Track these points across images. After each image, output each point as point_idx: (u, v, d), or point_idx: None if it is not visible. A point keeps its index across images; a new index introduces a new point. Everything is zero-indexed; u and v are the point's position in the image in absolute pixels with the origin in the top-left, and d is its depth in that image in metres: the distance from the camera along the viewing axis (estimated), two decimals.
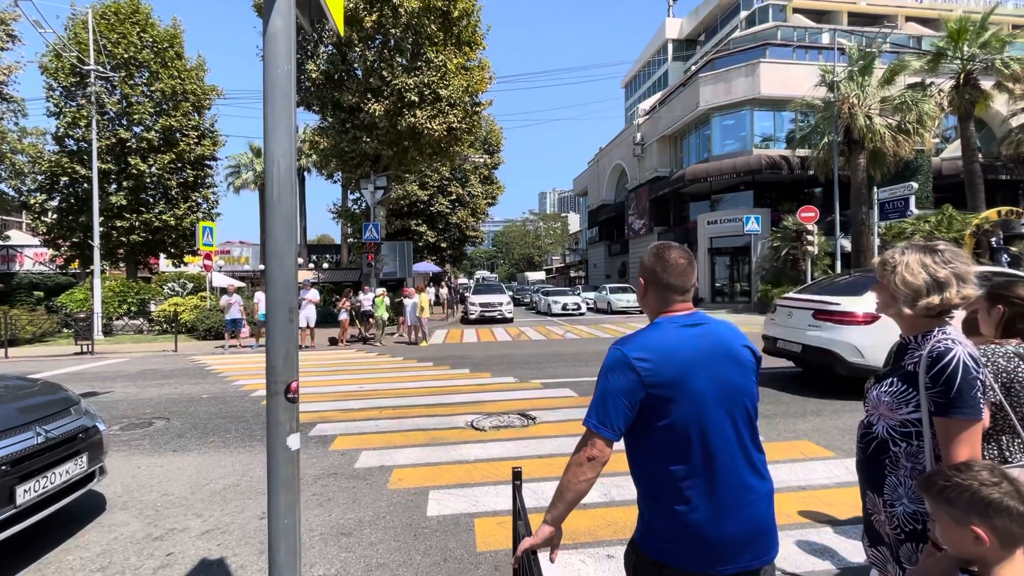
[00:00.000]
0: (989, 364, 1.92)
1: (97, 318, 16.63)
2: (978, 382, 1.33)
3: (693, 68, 34.57)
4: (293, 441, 1.79)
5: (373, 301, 14.58)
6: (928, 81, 21.20)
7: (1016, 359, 1.89)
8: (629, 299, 24.64)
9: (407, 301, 13.72)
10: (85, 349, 13.25)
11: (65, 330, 16.58)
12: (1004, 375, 1.85)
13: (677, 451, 1.39)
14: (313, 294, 14.35)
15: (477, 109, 18.43)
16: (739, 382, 1.44)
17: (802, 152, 23.38)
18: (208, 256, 16.15)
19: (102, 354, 13.21)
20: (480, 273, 66.34)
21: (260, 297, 13.67)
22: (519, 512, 1.94)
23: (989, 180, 21.56)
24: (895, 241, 20.43)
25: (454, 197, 32.92)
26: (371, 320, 14.61)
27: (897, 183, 18.57)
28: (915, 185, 17.49)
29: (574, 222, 71.23)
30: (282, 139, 1.44)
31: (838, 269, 19.68)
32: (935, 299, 1.40)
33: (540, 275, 58.72)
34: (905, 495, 1.45)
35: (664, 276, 1.50)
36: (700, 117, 27.62)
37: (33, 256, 31.40)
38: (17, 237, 38.23)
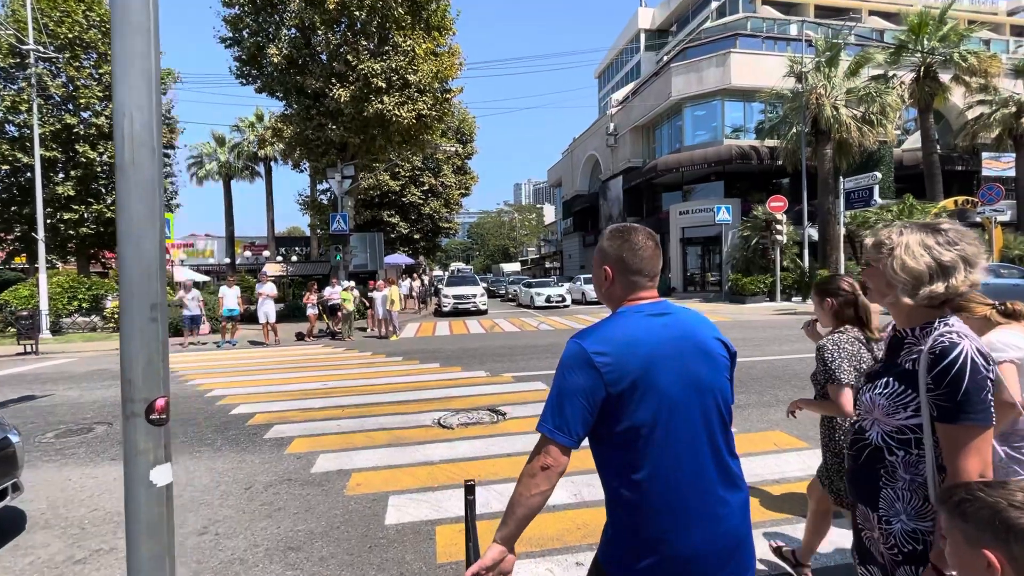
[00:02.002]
0: (840, 350, 2.30)
1: (44, 316, 15.66)
2: (988, 382, 1.15)
3: (665, 58, 34.65)
4: (160, 475, 1.42)
5: (341, 295, 14.10)
6: (891, 73, 21.71)
7: (858, 343, 2.32)
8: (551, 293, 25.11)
9: (376, 294, 13.29)
10: (29, 349, 12.40)
11: (10, 329, 15.54)
12: (855, 359, 2.27)
13: (640, 457, 1.23)
14: (269, 288, 13.61)
15: (447, 96, 17.95)
16: (710, 379, 1.29)
17: (771, 143, 23.72)
18: (167, 249, 15.33)
19: (48, 354, 12.41)
20: (455, 265, 65.76)
21: (224, 291, 13.24)
22: (470, 532, 1.71)
23: (946, 171, 22.31)
24: (860, 230, 20.98)
25: (427, 187, 32.29)
26: (339, 314, 14.12)
27: (861, 173, 19.00)
28: (879, 175, 17.91)
29: (549, 213, 71.12)
30: (137, 85, 1.14)
31: (806, 258, 20.09)
32: (939, 286, 1.22)
33: (515, 266, 58.56)
34: (903, 511, 1.27)
35: (632, 261, 1.35)
36: (672, 107, 27.69)
37: None
38: None
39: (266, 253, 38.07)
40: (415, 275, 29.03)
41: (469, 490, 1.87)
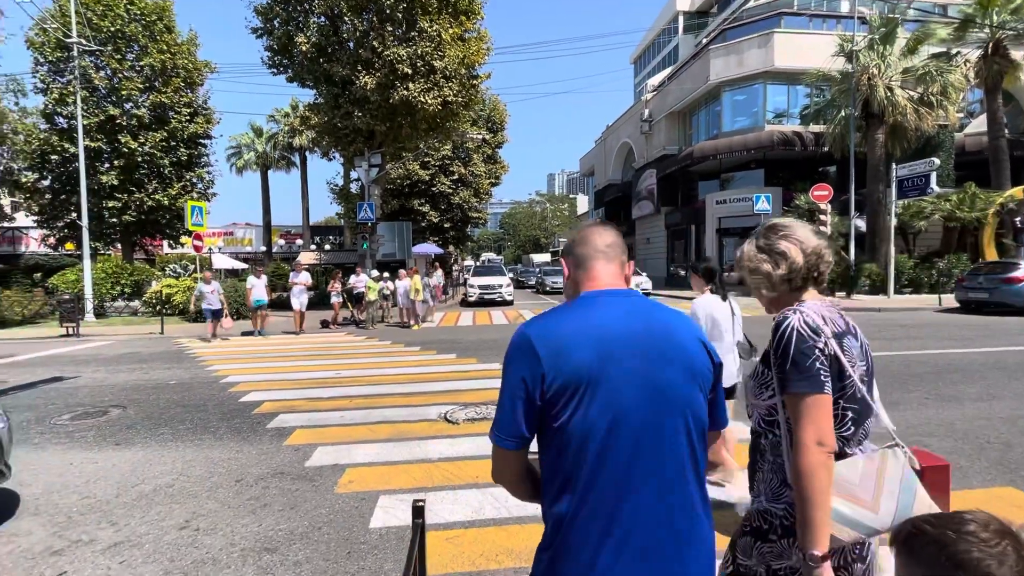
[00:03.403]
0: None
1: (88, 300, 16.37)
2: (816, 351, 1.20)
3: (704, 41, 33.18)
4: None
5: (367, 284, 14.09)
6: (954, 51, 19.97)
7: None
8: (634, 281, 24.06)
9: (399, 284, 13.17)
10: (70, 331, 12.95)
11: (57, 312, 16.34)
12: None
13: (574, 469, 1.03)
14: (305, 277, 13.49)
15: (474, 82, 17.63)
16: (680, 388, 1.06)
17: (816, 128, 22.33)
18: (198, 236, 15.69)
19: (87, 336, 12.93)
20: (486, 255, 65.79)
21: (253, 282, 12.59)
22: (411, 559, 1.43)
23: (1015, 156, 20.41)
24: (913, 221, 19.54)
25: (456, 177, 32.15)
26: (363, 302, 14.14)
27: (917, 160, 17.61)
28: (937, 161, 16.58)
29: (582, 203, 70.09)
30: None
31: (852, 251, 18.87)
32: (782, 269, 1.34)
33: (546, 257, 58.04)
34: (763, 492, 1.31)
35: (588, 243, 1.23)
36: (710, 92, 26.47)
37: (39, 237, 31.31)
38: (25, 219, 38.28)
39: (299, 242, 38.94)
40: (434, 264, 28.96)
41: (417, 512, 1.59)
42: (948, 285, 16.82)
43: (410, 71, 15.60)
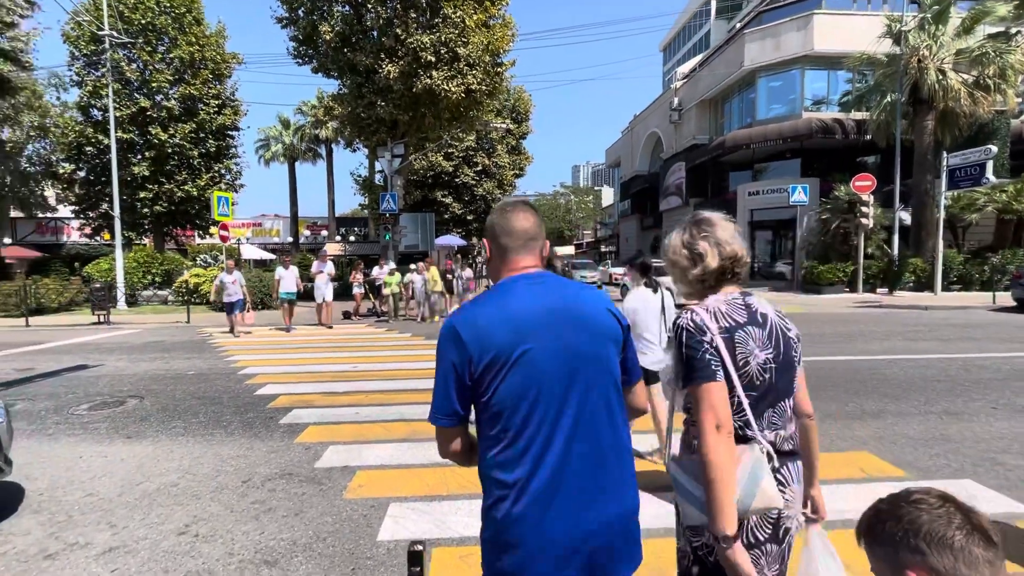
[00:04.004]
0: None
1: (120, 288, 16.75)
2: (704, 344, 1.30)
3: (738, 25, 31.87)
4: None
5: (385, 279, 13.92)
6: (1014, 30, 18.55)
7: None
8: (585, 274, 24.09)
9: (416, 276, 12.93)
10: (101, 319, 13.23)
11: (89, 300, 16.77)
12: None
13: (508, 432, 1.18)
14: (329, 267, 12.76)
15: (498, 70, 17.22)
16: (593, 349, 1.23)
17: (858, 115, 21.18)
18: (224, 227, 15.84)
19: (117, 324, 13.17)
20: None
21: (282, 272, 11.79)
22: None
23: None
24: (963, 213, 18.35)
25: (480, 168, 31.86)
26: (383, 295, 14.02)
27: (969, 148, 16.46)
28: (994, 148, 15.47)
29: (607, 195, 68.97)
30: None
31: (896, 245, 17.85)
32: (697, 270, 1.42)
33: (569, 250, 57.38)
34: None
35: (506, 229, 1.32)
36: (744, 78, 25.40)
37: (78, 227, 32.42)
38: (65, 211, 39.78)
39: (324, 233, 39.31)
40: (456, 257, 28.79)
41: (414, 559, 1.28)
42: (1002, 282, 15.74)
43: (433, 59, 15.31)
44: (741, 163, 26.85)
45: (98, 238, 24.77)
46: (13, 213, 33.79)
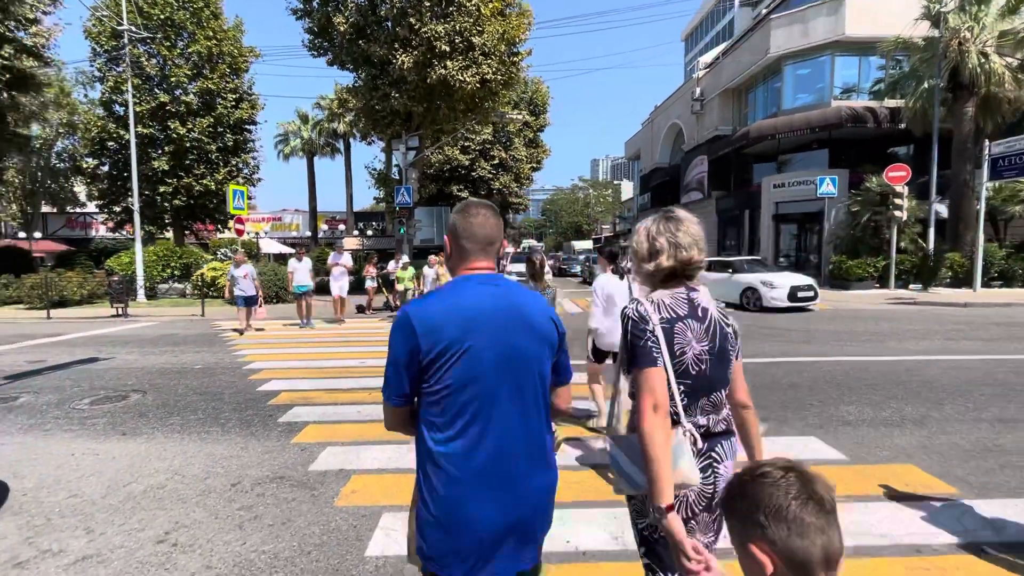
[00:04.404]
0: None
1: (140, 281, 16.96)
2: (647, 333, 1.42)
3: (764, 11, 30.78)
4: None
5: (397, 273, 13.71)
6: None
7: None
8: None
9: (427, 270, 12.67)
10: (119, 312, 13.35)
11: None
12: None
13: (448, 417, 1.30)
14: (346, 259, 12.11)
15: (514, 59, 16.84)
16: (530, 350, 1.36)
17: (892, 102, 20.19)
18: (240, 220, 15.87)
19: (134, 317, 13.28)
20: (527, 242, 65.08)
21: (295, 265, 11.23)
22: None
23: None
24: (1005, 205, 17.36)
25: (497, 161, 31.55)
26: (396, 289, 13.84)
27: (1013, 136, 15.51)
28: None
29: (627, 189, 67.94)
30: None
31: (931, 238, 16.99)
32: (651, 266, 1.53)
33: (587, 244, 56.73)
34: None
35: (465, 230, 1.42)
36: (770, 66, 24.47)
37: (102, 222, 33.16)
38: (94, 206, 40.82)
39: (342, 227, 39.54)
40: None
41: None
42: None
43: (448, 48, 15.02)
44: (765, 155, 25.96)
45: (122, 232, 25.26)
46: (45, 208, 34.83)
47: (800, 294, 12.51)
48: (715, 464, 1.51)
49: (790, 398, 5.33)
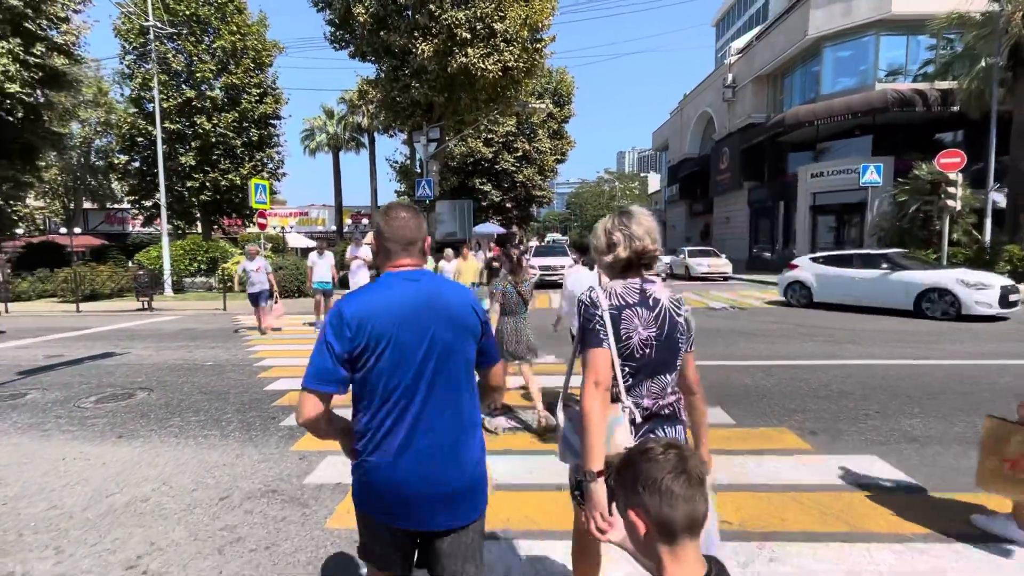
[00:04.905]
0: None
1: (167, 276, 17.19)
2: (596, 317, 1.57)
3: None
4: None
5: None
6: None
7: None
8: (711, 263, 21.84)
9: (444, 264, 12.07)
10: (145, 305, 13.49)
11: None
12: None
13: (377, 401, 1.43)
14: (365, 252, 10.90)
15: (537, 46, 16.29)
16: (452, 339, 1.48)
17: (943, 84, 18.83)
18: (262, 214, 15.86)
19: (159, 311, 13.39)
20: (551, 236, 64.42)
21: (314, 260, 10.50)
22: None
23: None
24: None
25: (521, 154, 31.01)
26: None
27: None
28: None
29: (654, 182, 66.51)
30: None
31: (988, 229, 15.76)
32: (609, 257, 1.68)
33: None
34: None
35: (387, 230, 1.53)
36: (807, 49, 23.21)
37: (132, 217, 34.09)
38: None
39: (365, 221, 39.70)
40: (465, 245, 28.12)
41: None
42: None
43: (469, 35, 14.59)
44: (801, 143, 24.70)
45: (154, 227, 25.79)
46: (86, 205, 36.07)
47: (1011, 297, 9.75)
48: None
49: (842, 407, 4.76)
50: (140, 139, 20.55)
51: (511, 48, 15.02)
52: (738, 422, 4.46)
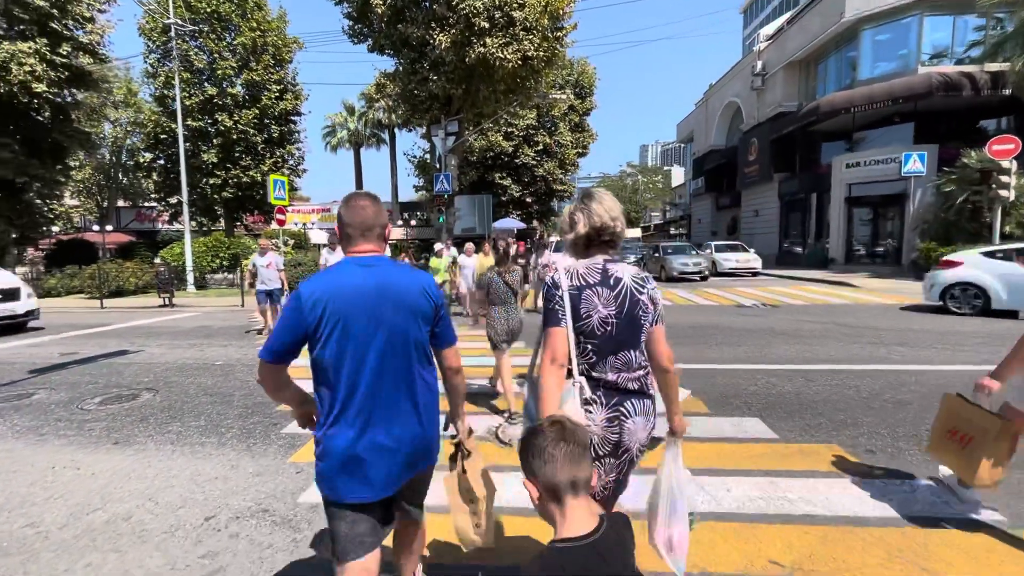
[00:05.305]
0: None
1: (189, 272, 17.34)
2: (556, 297, 1.68)
3: None
4: None
5: (431, 262, 13.02)
6: None
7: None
8: (739, 258, 20.96)
9: (465, 259, 11.71)
10: (166, 302, 13.56)
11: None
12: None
13: (331, 377, 1.58)
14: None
15: (558, 34, 15.78)
16: (398, 321, 1.62)
17: (994, 66, 17.60)
18: (280, 210, 15.79)
19: (180, 307, 13.45)
20: None
21: (327, 257, 9.90)
22: None
23: None
24: None
25: (541, 148, 30.48)
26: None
27: None
28: None
29: (678, 175, 65.03)
30: None
31: None
32: (571, 235, 1.78)
33: (635, 232, 54.70)
34: None
35: (346, 217, 1.67)
36: (844, 32, 22.06)
37: (156, 215, 34.82)
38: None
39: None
40: (487, 241, 27.71)
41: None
42: None
43: (487, 24, 14.18)
44: (836, 132, 23.55)
45: (178, 223, 26.21)
46: (120, 203, 37.03)
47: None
48: (622, 418, 1.69)
49: (899, 421, 4.24)
50: (164, 137, 20.78)
51: (531, 37, 14.55)
52: (780, 436, 3.99)
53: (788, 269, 22.68)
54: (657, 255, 20.23)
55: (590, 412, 1.66)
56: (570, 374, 1.67)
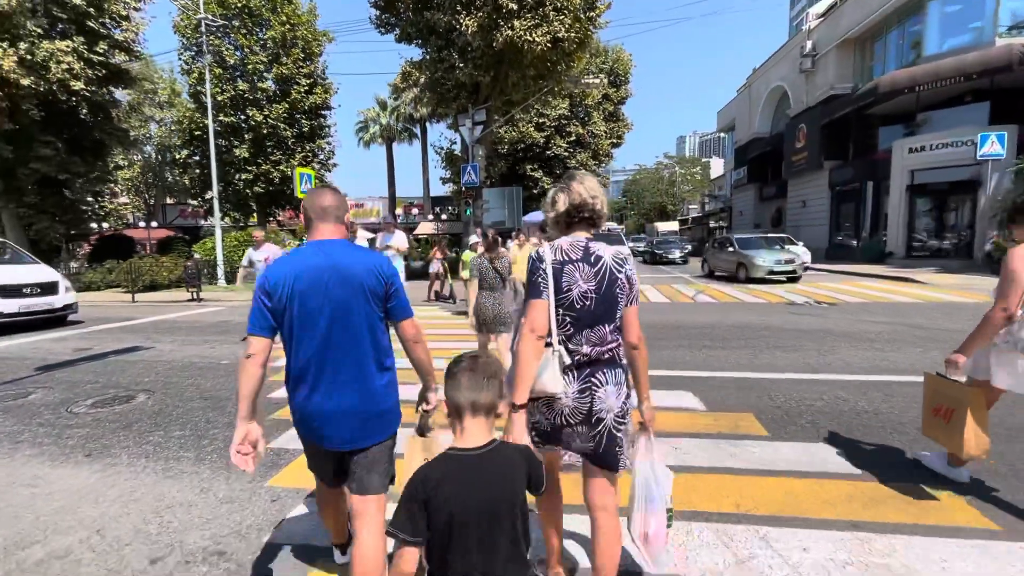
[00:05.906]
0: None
1: (219, 267, 17.45)
2: (539, 271, 1.77)
3: None
4: None
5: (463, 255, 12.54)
6: None
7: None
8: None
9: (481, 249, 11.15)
10: (194, 296, 13.57)
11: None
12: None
13: (293, 347, 1.81)
14: (398, 240, 8.37)
15: (591, 15, 14.90)
16: (348, 299, 1.80)
17: None
18: None
19: (207, 301, 13.43)
20: (607, 224, 62.15)
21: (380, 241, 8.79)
22: None
23: None
24: None
25: (573, 138, 29.53)
26: (461, 276, 12.73)
27: None
28: None
29: (717, 167, 62.49)
30: None
31: None
32: (552, 213, 1.89)
33: (672, 226, 52.82)
34: None
35: (308, 204, 1.90)
36: (906, 5, 20.22)
37: (191, 210, 35.78)
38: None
39: (415, 211, 39.64)
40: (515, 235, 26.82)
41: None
42: None
43: (515, 6, 13.46)
44: (895, 114, 21.63)
45: (212, 219, 26.72)
46: (168, 200, 38.34)
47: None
48: (593, 388, 1.79)
49: (1019, 453, 3.36)
50: (199, 133, 21.05)
51: (561, 17, 13.75)
52: (863, 470, 3.19)
53: (840, 264, 21.06)
54: (731, 249, 16.32)
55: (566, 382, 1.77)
56: (549, 346, 1.76)
